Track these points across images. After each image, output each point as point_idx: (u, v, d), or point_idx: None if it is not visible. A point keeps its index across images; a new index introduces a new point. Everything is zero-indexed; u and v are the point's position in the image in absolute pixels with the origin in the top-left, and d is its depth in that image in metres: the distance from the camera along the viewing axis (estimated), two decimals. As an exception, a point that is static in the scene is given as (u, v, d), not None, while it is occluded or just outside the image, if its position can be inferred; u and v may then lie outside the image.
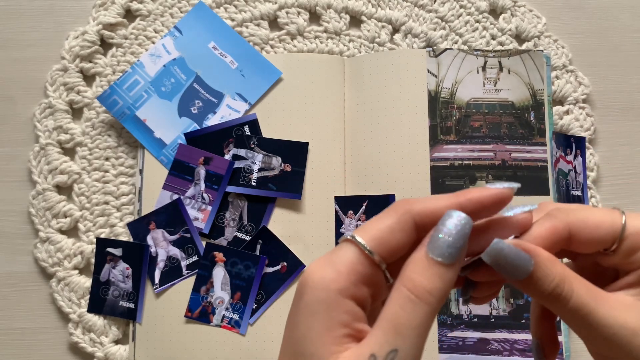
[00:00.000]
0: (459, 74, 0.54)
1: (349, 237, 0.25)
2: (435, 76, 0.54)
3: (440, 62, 0.54)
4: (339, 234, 0.52)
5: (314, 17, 0.58)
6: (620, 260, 0.27)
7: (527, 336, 0.50)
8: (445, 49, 0.54)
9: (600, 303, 0.26)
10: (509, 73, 0.54)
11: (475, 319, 0.50)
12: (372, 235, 0.25)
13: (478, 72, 0.54)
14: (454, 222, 0.24)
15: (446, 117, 0.53)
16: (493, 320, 0.50)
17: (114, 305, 0.51)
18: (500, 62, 0.54)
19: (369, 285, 0.25)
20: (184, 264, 0.52)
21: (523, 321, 0.50)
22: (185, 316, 0.50)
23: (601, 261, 0.28)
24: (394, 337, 0.23)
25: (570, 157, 0.52)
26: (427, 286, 0.23)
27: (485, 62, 0.54)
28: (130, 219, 0.53)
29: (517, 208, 0.27)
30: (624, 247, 0.27)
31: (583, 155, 0.53)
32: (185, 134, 0.53)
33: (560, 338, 0.50)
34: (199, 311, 0.51)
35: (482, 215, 0.26)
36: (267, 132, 0.53)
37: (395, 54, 0.55)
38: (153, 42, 0.56)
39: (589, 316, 0.25)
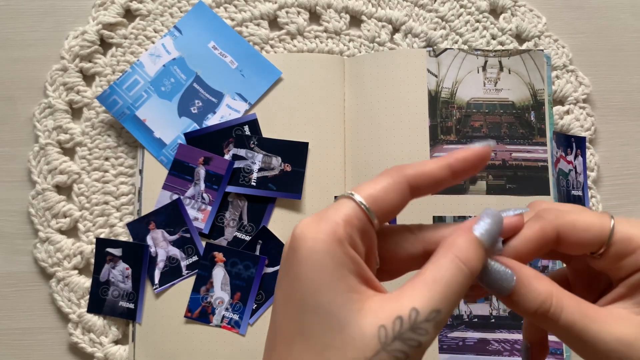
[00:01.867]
0: (459, 73, 0.54)
1: (347, 195, 0.26)
2: (436, 76, 0.54)
3: (440, 61, 0.54)
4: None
5: (314, 16, 0.58)
6: (608, 265, 0.27)
7: (528, 336, 0.50)
8: (446, 49, 0.54)
9: (593, 319, 0.25)
10: (510, 73, 0.54)
11: (476, 319, 0.50)
12: (369, 194, 0.26)
13: (478, 72, 0.54)
14: (496, 216, 0.26)
15: (446, 117, 0.53)
16: (493, 320, 0.50)
17: (114, 306, 0.51)
18: (500, 62, 0.54)
19: (364, 241, 0.26)
20: (183, 264, 0.52)
21: (523, 321, 0.50)
22: (185, 316, 0.50)
23: (591, 264, 0.28)
24: (441, 297, 0.24)
25: (570, 157, 0.52)
26: (474, 261, 0.25)
27: (486, 62, 0.54)
28: (130, 219, 0.53)
29: (510, 211, 0.28)
30: (611, 252, 0.26)
31: (583, 155, 0.53)
32: (185, 134, 0.53)
33: (561, 338, 0.50)
34: (199, 311, 0.51)
35: (469, 173, 0.28)
36: (267, 132, 0.53)
37: (395, 54, 0.55)
38: (153, 42, 0.56)
39: (583, 333, 0.25)
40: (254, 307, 0.51)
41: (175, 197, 0.52)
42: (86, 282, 0.52)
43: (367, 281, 0.25)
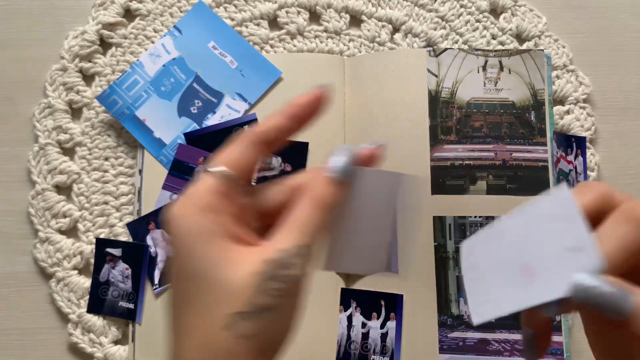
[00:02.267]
0: (460, 73, 0.54)
1: (202, 169, 0.28)
2: (436, 76, 0.54)
3: (440, 61, 0.54)
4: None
5: (314, 16, 0.58)
6: None
7: (528, 336, 0.50)
8: (446, 49, 0.54)
9: None
10: (510, 73, 0.54)
11: (476, 320, 0.51)
12: (222, 161, 0.28)
13: (478, 72, 0.54)
14: (345, 148, 0.30)
15: (446, 117, 0.54)
16: (493, 320, 0.50)
17: (114, 306, 0.51)
18: (500, 62, 0.54)
19: (232, 203, 0.28)
20: (183, 264, 0.52)
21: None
22: (185, 316, 0.51)
23: None
24: (302, 234, 0.26)
25: (571, 157, 0.52)
26: (327, 196, 0.28)
27: (486, 62, 0.54)
28: (129, 219, 0.53)
29: (365, 145, 0.31)
30: None
31: (584, 155, 0.53)
32: (185, 134, 0.53)
33: (560, 338, 0.50)
34: (199, 311, 0.51)
35: (309, 116, 0.31)
36: (267, 132, 0.53)
37: (395, 54, 0.55)
38: (152, 42, 0.56)
39: None
40: (253, 307, 0.51)
41: (175, 197, 0.52)
42: (86, 282, 0.52)
43: (241, 240, 0.27)
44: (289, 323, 0.27)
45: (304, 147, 0.53)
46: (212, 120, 0.54)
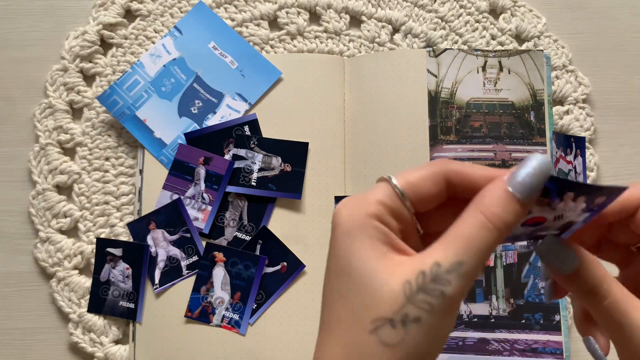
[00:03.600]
0: (459, 74, 0.54)
1: (385, 177, 0.28)
2: (435, 76, 0.54)
3: (440, 62, 0.54)
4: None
5: (314, 17, 0.58)
6: None
7: (527, 336, 0.50)
8: (445, 49, 0.54)
9: (635, 306, 0.27)
10: (509, 73, 0.54)
11: (475, 319, 0.51)
12: (406, 179, 0.28)
13: (478, 72, 0.54)
14: (537, 163, 0.26)
15: (446, 117, 0.54)
16: (493, 320, 0.50)
17: (114, 305, 0.51)
18: (500, 62, 0.54)
19: (398, 221, 0.28)
20: (184, 264, 0.52)
21: (523, 321, 0.50)
22: (185, 316, 0.51)
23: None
24: (463, 251, 0.25)
25: (570, 157, 0.53)
26: (503, 217, 0.25)
27: (486, 62, 0.54)
28: (130, 219, 0.53)
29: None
30: None
31: (583, 155, 0.53)
32: (185, 134, 0.53)
33: (560, 338, 0.50)
34: (199, 311, 0.51)
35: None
36: (267, 132, 0.53)
37: (395, 54, 0.55)
38: (153, 42, 0.56)
39: (623, 317, 0.27)
40: (254, 307, 0.51)
41: (175, 197, 0.52)
42: (86, 282, 0.52)
43: (400, 250, 0.27)
44: (435, 342, 0.26)
45: (304, 147, 0.53)
46: (212, 120, 0.54)
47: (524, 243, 0.52)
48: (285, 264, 0.51)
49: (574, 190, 0.27)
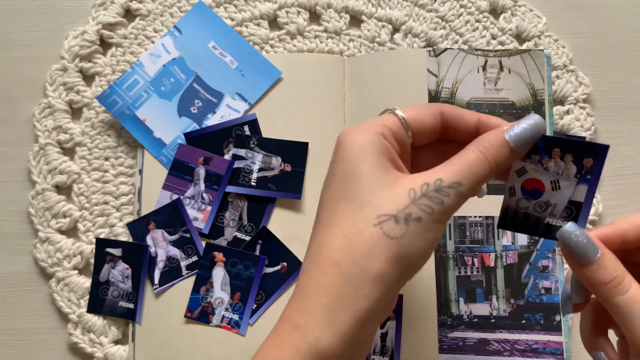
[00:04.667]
0: (460, 73, 0.54)
1: (390, 108, 0.33)
2: (436, 76, 0.54)
3: (440, 61, 0.54)
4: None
5: (314, 16, 0.58)
6: None
7: (527, 336, 0.50)
8: (446, 49, 0.54)
9: None
10: (510, 73, 0.54)
11: (476, 320, 0.51)
12: (409, 112, 0.33)
13: (478, 72, 0.54)
14: (533, 122, 0.32)
15: (447, 117, 0.54)
16: (493, 320, 0.51)
17: (114, 306, 0.51)
18: (500, 62, 0.54)
19: (399, 145, 0.33)
20: (183, 264, 0.52)
21: (523, 321, 0.50)
22: (185, 316, 0.51)
23: None
24: (463, 175, 0.30)
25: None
26: (496, 157, 0.31)
27: (486, 62, 0.54)
28: (129, 219, 0.53)
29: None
30: None
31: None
32: (185, 134, 0.53)
33: (560, 338, 0.50)
34: (199, 311, 0.51)
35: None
36: (267, 132, 0.54)
37: (395, 54, 0.55)
38: (152, 42, 0.56)
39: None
40: (253, 307, 0.51)
41: (175, 197, 0.52)
42: (86, 282, 0.52)
43: (400, 168, 0.32)
44: (426, 246, 0.30)
45: (304, 147, 0.53)
46: (212, 120, 0.54)
47: (525, 243, 0.52)
48: (285, 264, 0.51)
49: (559, 145, 0.32)
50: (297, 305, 0.31)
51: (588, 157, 0.33)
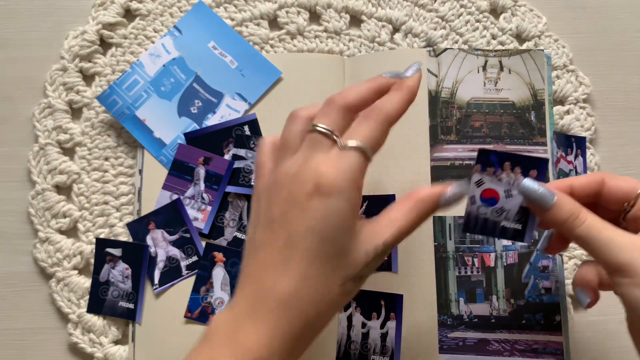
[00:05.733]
0: (460, 73, 0.54)
1: (358, 146, 0.35)
2: (436, 76, 0.54)
3: (440, 61, 0.54)
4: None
5: (314, 16, 0.58)
6: (632, 215, 0.37)
7: (528, 337, 0.50)
8: (446, 49, 0.55)
9: (605, 227, 0.35)
10: (510, 73, 0.54)
11: (476, 320, 0.51)
12: (370, 143, 0.35)
13: (478, 72, 0.54)
14: (462, 189, 0.38)
15: (446, 117, 0.54)
16: (493, 320, 0.51)
17: (114, 306, 0.52)
18: (500, 62, 0.54)
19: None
20: (183, 264, 0.52)
21: (524, 322, 0.51)
22: (184, 317, 0.51)
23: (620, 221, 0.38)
24: (401, 236, 0.37)
25: (570, 157, 0.53)
26: (429, 214, 0.38)
27: (486, 62, 0.55)
28: (129, 219, 0.54)
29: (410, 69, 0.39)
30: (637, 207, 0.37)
31: (584, 155, 0.54)
32: (185, 134, 0.54)
33: (560, 339, 0.50)
34: (199, 312, 0.51)
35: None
36: (267, 132, 0.54)
37: (395, 54, 0.55)
38: (152, 42, 0.57)
39: (597, 235, 0.35)
40: (254, 307, 0.51)
41: (175, 197, 0.53)
42: (86, 282, 0.52)
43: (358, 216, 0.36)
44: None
45: None
46: (212, 120, 0.54)
47: (525, 243, 0.52)
48: (285, 264, 0.52)
49: (509, 160, 0.39)
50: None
51: (533, 169, 0.40)
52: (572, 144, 0.53)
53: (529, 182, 0.38)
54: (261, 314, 0.33)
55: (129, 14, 0.57)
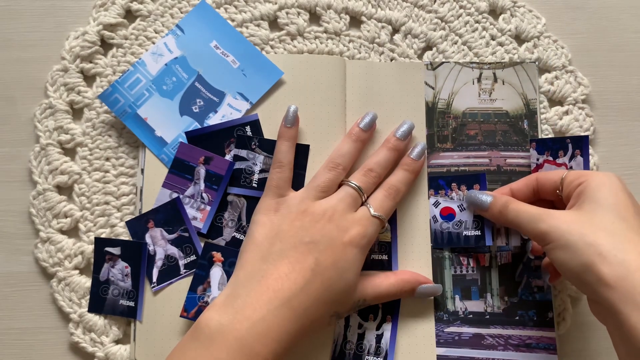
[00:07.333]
0: (455, 85, 0.56)
1: (379, 216, 0.48)
2: (433, 88, 0.56)
3: (437, 74, 0.57)
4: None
5: (314, 17, 0.59)
6: (566, 195, 0.46)
7: (521, 332, 0.52)
8: (442, 63, 0.57)
9: (529, 207, 0.45)
10: (504, 84, 0.56)
11: (471, 315, 0.53)
12: (388, 213, 0.50)
13: (474, 84, 0.57)
14: (437, 287, 0.52)
15: (443, 126, 0.56)
16: (488, 316, 0.53)
17: (114, 304, 0.52)
18: (494, 74, 0.57)
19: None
20: (181, 263, 0.53)
21: (517, 318, 0.53)
22: (180, 316, 0.51)
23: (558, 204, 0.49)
24: (379, 298, 0.51)
25: (563, 159, 0.53)
26: (409, 293, 0.53)
27: (481, 74, 0.57)
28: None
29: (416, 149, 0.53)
30: (565, 187, 0.46)
31: (585, 155, 0.52)
32: (186, 133, 0.54)
33: (553, 334, 0.52)
34: (195, 311, 0.51)
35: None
36: (268, 133, 0.55)
37: (394, 67, 0.57)
38: (153, 43, 0.58)
39: (517, 215, 0.45)
40: (251, 308, 0.52)
41: (174, 195, 0.53)
42: (87, 282, 0.54)
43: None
44: None
45: (305, 149, 0.54)
46: (213, 119, 0.55)
47: (518, 244, 0.54)
48: (283, 264, 0.52)
49: (454, 181, 0.52)
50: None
51: (475, 183, 0.52)
52: (566, 145, 0.53)
53: (469, 193, 0.51)
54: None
55: (129, 15, 0.59)
